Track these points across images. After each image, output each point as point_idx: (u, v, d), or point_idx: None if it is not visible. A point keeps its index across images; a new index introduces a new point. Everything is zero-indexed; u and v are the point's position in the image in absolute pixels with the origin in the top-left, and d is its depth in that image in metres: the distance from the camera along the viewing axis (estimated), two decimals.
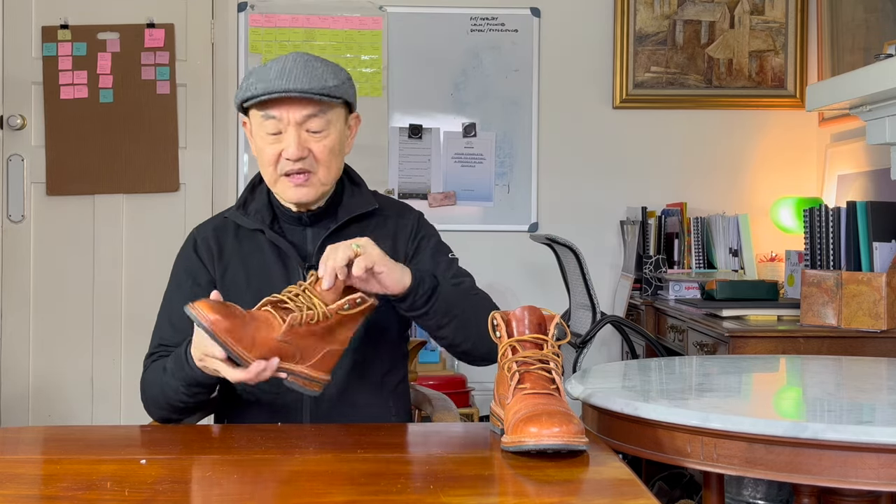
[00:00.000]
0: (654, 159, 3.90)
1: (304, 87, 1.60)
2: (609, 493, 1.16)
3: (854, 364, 2.03)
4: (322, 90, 1.62)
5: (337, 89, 1.65)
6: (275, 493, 1.15)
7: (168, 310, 1.74)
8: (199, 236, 1.77)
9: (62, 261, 3.77)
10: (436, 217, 3.82)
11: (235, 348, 1.38)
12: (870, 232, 2.54)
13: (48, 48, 3.75)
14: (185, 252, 1.78)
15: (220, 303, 1.42)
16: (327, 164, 1.67)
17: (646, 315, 3.38)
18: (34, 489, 1.18)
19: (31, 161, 3.77)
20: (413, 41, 3.85)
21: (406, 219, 1.79)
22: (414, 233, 1.78)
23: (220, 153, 3.82)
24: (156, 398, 1.65)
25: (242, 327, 1.39)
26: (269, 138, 1.66)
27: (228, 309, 1.40)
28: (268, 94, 1.61)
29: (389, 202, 1.83)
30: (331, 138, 1.67)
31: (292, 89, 1.60)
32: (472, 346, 1.65)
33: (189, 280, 1.74)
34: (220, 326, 1.37)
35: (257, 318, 1.42)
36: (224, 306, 1.40)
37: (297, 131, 1.64)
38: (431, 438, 1.46)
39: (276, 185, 1.69)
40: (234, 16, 3.82)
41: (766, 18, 3.87)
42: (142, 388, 1.70)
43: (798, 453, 1.37)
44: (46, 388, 3.76)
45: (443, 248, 1.79)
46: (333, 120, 1.67)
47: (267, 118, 1.65)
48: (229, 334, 1.37)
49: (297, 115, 1.63)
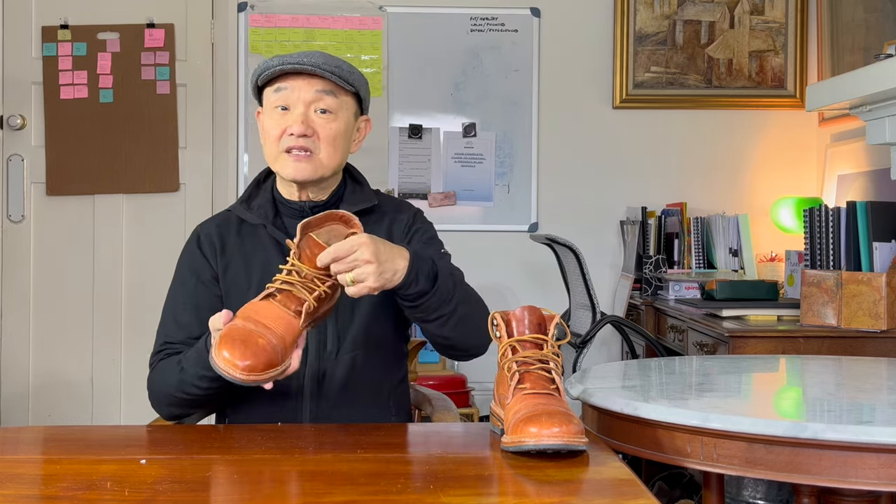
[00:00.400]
0: (654, 159, 3.90)
1: (318, 63, 1.65)
2: (609, 493, 1.16)
3: (854, 364, 2.03)
4: (336, 70, 1.66)
5: (351, 75, 1.69)
6: (275, 493, 1.15)
7: (172, 307, 1.74)
8: (202, 232, 1.78)
9: (62, 261, 3.77)
10: (436, 217, 3.81)
11: (274, 373, 1.37)
12: (870, 232, 2.54)
13: (48, 48, 3.75)
14: (189, 248, 1.78)
15: (238, 331, 1.37)
16: (330, 147, 1.68)
17: (646, 315, 3.38)
18: (34, 489, 1.18)
19: (31, 161, 3.77)
20: (413, 41, 3.85)
21: (403, 214, 1.80)
22: (408, 226, 1.78)
23: (220, 153, 3.82)
24: (168, 394, 1.64)
25: (271, 350, 1.36)
26: (277, 113, 1.68)
27: (248, 337, 1.35)
28: (282, 64, 1.65)
29: (389, 199, 1.84)
30: (338, 123, 1.68)
31: (306, 62, 1.64)
32: (460, 340, 1.63)
33: (193, 277, 1.74)
34: (254, 369, 1.34)
35: (273, 325, 1.39)
36: (242, 340, 1.35)
37: (306, 109, 1.67)
38: (431, 438, 1.46)
39: (276, 161, 1.70)
40: (234, 16, 3.82)
41: (766, 18, 3.87)
42: (149, 385, 1.70)
43: (798, 453, 1.37)
44: (46, 388, 3.76)
45: (436, 242, 1.79)
46: (343, 107, 1.70)
47: (278, 91, 1.67)
48: (267, 368, 1.36)
49: (307, 91, 1.66)
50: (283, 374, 1.40)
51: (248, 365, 1.34)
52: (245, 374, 1.34)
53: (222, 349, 1.35)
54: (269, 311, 1.41)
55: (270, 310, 1.41)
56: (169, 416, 1.69)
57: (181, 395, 1.62)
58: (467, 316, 1.60)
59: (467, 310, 1.60)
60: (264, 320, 1.39)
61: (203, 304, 1.71)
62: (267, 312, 1.41)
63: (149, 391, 1.70)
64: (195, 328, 1.69)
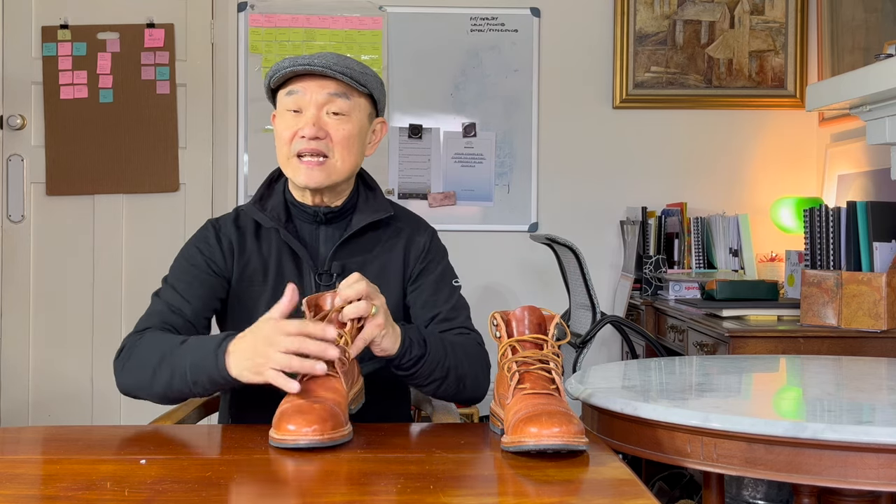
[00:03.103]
0: (654, 159, 3.90)
1: (328, 64, 1.62)
2: (609, 493, 1.16)
3: (854, 364, 2.03)
4: (346, 71, 1.63)
5: (363, 76, 1.66)
6: (275, 493, 1.15)
7: (174, 278, 1.68)
8: (221, 229, 1.74)
9: (62, 261, 3.77)
10: (436, 217, 3.85)
11: (333, 430, 1.32)
12: (870, 232, 2.54)
13: (48, 48, 3.75)
14: (204, 236, 1.73)
15: (295, 415, 1.31)
16: (344, 150, 1.66)
17: (646, 315, 3.38)
18: (34, 489, 1.18)
19: (30, 161, 3.77)
20: (413, 41, 3.85)
21: (421, 235, 1.78)
22: (425, 252, 1.77)
23: (220, 153, 3.82)
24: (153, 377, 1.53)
25: (331, 415, 1.32)
26: (289, 115, 1.66)
27: (306, 415, 1.31)
28: (293, 66, 1.63)
29: (404, 212, 1.82)
30: (351, 125, 1.66)
31: (317, 64, 1.62)
32: (452, 397, 1.66)
33: (204, 262, 1.70)
34: (323, 429, 1.30)
35: (315, 389, 1.37)
36: (301, 413, 1.31)
37: (318, 111, 1.64)
38: (431, 438, 1.46)
39: (288, 165, 1.68)
40: (234, 16, 3.82)
41: (766, 18, 3.87)
42: (127, 353, 1.60)
43: (798, 453, 1.37)
44: (46, 387, 3.76)
45: (447, 274, 1.78)
46: (356, 109, 1.67)
47: (290, 94, 1.66)
48: (336, 431, 1.32)
49: (319, 94, 1.64)
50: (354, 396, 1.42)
51: (316, 429, 1.30)
52: (316, 440, 1.30)
53: (291, 420, 1.31)
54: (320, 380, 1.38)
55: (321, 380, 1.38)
56: (135, 393, 1.60)
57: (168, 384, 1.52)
58: (455, 379, 1.61)
59: (462, 372, 1.61)
60: (311, 385, 1.37)
61: (206, 291, 1.67)
62: (317, 380, 1.38)
63: (124, 359, 1.60)
64: (198, 307, 1.65)
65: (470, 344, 1.68)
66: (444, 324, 1.70)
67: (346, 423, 1.36)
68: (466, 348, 1.66)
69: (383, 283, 1.70)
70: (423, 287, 1.74)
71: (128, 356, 1.60)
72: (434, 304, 1.72)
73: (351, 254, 1.72)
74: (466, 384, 1.63)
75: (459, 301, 1.75)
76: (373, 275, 1.70)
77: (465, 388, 1.64)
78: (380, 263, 1.73)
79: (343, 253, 1.71)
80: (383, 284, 1.69)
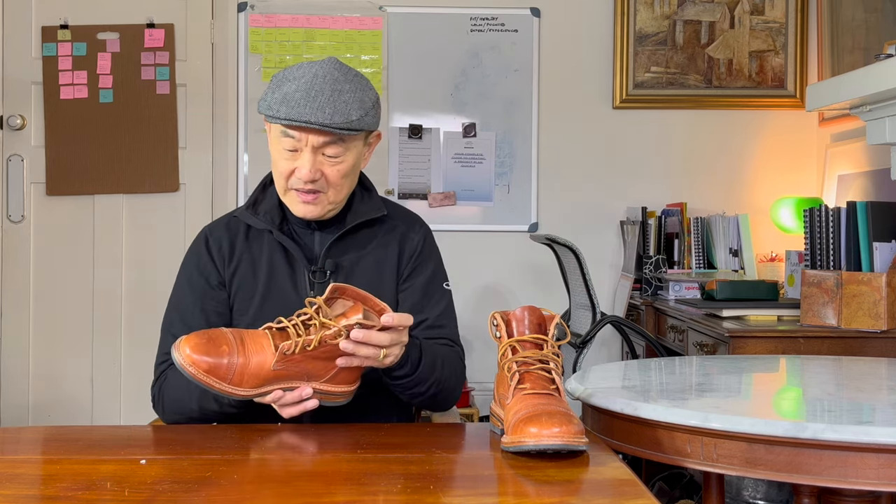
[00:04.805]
0: (654, 159, 3.90)
1: (325, 121, 1.57)
2: (609, 493, 1.16)
3: (854, 364, 2.03)
4: (344, 124, 1.59)
5: (360, 122, 1.61)
6: (275, 493, 1.15)
7: (179, 309, 1.73)
8: (211, 235, 1.76)
9: (62, 261, 3.77)
10: (436, 217, 3.85)
11: (220, 385, 1.39)
12: (870, 232, 2.54)
13: (48, 48, 3.75)
14: (197, 250, 1.76)
15: (205, 337, 1.40)
16: (338, 186, 1.66)
17: (646, 315, 3.38)
18: (34, 489, 1.18)
19: (30, 161, 3.77)
20: (413, 41, 3.85)
21: (415, 233, 1.79)
22: (418, 251, 1.78)
23: (220, 153, 3.82)
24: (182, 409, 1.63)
25: (227, 366, 1.39)
26: (285, 153, 1.64)
27: (213, 346, 1.39)
28: (289, 121, 1.58)
29: (398, 210, 1.83)
30: (346, 164, 1.65)
31: (314, 122, 1.57)
32: (425, 406, 1.75)
33: (201, 279, 1.73)
34: (200, 368, 1.38)
35: (251, 347, 1.41)
36: (209, 342, 1.39)
37: (313, 155, 1.62)
38: (431, 438, 1.46)
39: (285, 195, 1.69)
40: (234, 16, 3.82)
41: (766, 18, 3.87)
42: (159, 396, 1.68)
43: (798, 453, 1.37)
44: (46, 387, 3.76)
45: (438, 277, 1.79)
46: (352, 147, 1.65)
47: (285, 136, 1.62)
48: (210, 374, 1.38)
49: (315, 140, 1.61)
50: (232, 398, 1.43)
51: (194, 358, 1.37)
52: (187, 362, 1.37)
53: (192, 337, 1.40)
54: (259, 337, 1.42)
55: (260, 337, 1.42)
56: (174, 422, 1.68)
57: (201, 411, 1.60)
58: (440, 391, 1.66)
59: (442, 387, 1.66)
60: (248, 340, 1.42)
61: (210, 308, 1.71)
62: (256, 337, 1.42)
63: (158, 401, 1.68)
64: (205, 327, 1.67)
65: (454, 359, 1.72)
66: (430, 331, 1.72)
67: (230, 382, 1.41)
68: (452, 364, 1.70)
69: (378, 280, 1.71)
70: (413, 289, 1.75)
71: (161, 408, 1.70)
72: (422, 309, 1.73)
73: (345, 251, 1.73)
74: (442, 398, 1.69)
75: (448, 307, 1.78)
76: (367, 271, 1.72)
77: (440, 402, 1.70)
78: (374, 260, 1.74)
79: (337, 250, 1.72)
80: (378, 281, 1.71)
